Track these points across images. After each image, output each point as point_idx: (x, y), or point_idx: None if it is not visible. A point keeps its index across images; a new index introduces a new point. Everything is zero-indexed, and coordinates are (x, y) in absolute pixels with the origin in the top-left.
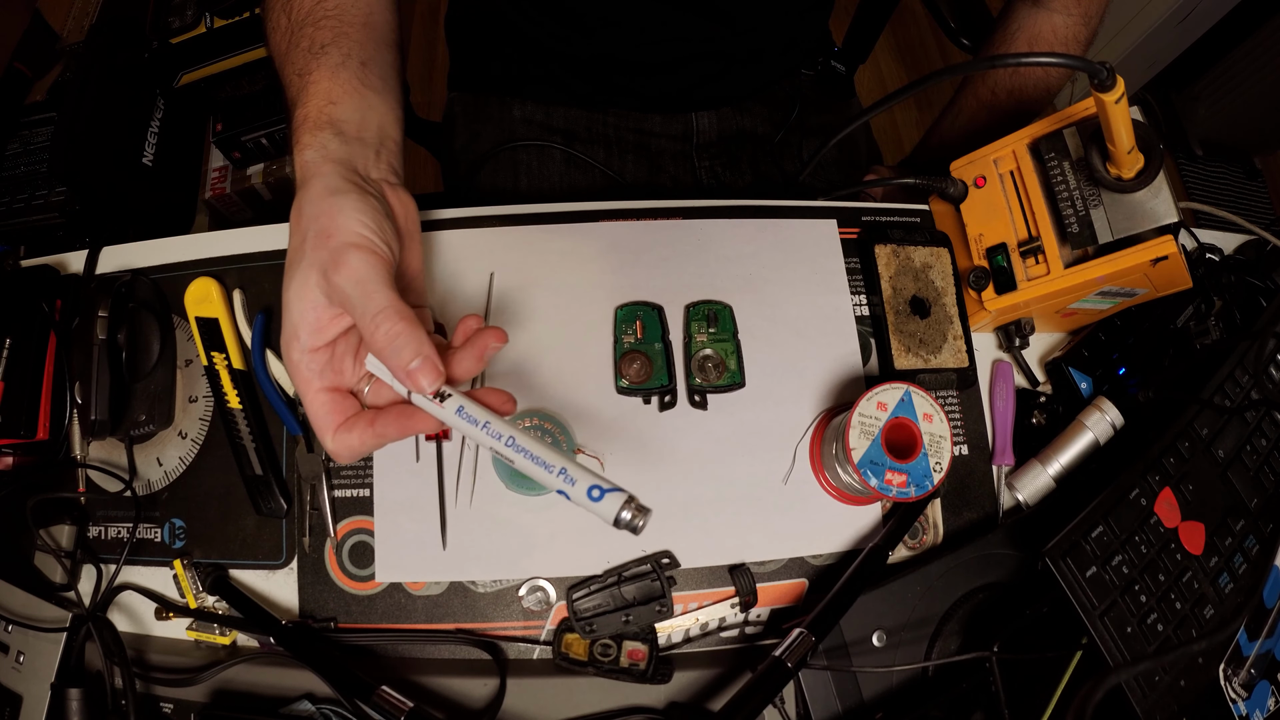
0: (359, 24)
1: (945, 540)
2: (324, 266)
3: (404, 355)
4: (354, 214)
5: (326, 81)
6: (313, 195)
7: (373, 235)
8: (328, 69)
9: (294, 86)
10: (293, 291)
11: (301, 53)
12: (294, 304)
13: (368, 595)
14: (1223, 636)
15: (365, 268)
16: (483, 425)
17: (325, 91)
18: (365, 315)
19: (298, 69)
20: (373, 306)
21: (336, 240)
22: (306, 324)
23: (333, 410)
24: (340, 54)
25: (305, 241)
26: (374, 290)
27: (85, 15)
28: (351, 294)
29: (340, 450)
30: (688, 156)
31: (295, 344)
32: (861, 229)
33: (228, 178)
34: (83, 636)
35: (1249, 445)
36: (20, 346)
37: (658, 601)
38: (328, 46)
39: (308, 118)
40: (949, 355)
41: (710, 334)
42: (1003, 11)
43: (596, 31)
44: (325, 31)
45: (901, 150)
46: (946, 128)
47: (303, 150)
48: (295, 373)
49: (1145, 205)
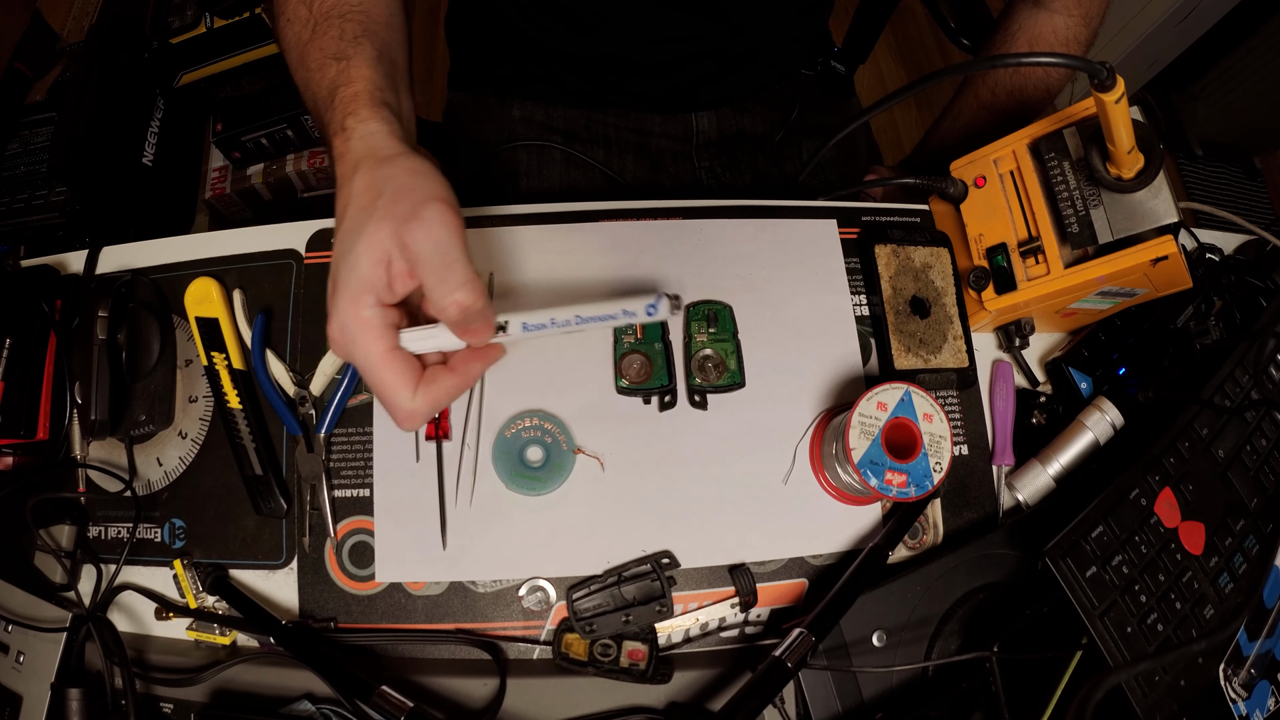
0: (384, 24)
1: (945, 540)
2: (402, 220)
3: (480, 328)
4: (435, 175)
5: (369, 68)
6: (387, 155)
7: (451, 195)
8: (368, 58)
9: (329, 69)
10: (361, 246)
11: (333, 39)
12: (364, 257)
13: (368, 595)
14: (1223, 636)
15: (445, 231)
16: (544, 326)
17: (370, 77)
18: (447, 283)
19: (332, 53)
20: (455, 277)
21: (420, 194)
22: (381, 277)
23: (410, 366)
24: (374, 48)
25: (380, 197)
26: (455, 258)
27: (85, 15)
28: (431, 257)
29: (424, 406)
30: (688, 156)
31: (366, 299)
32: (861, 229)
33: (228, 178)
34: (83, 636)
35: (1249, 445)
36: (20, 346)
37: (658, 601)
38: (361, 39)
39: (361, 95)
40: (949, 355)
41: (710, 334)
42: (1003, 12)
43: (596, 31)
44: (354, 24)
45: (901, 150)
46: (946, 128)
47: (364, 122)
48: (365, 329)
49: (1145, 205)
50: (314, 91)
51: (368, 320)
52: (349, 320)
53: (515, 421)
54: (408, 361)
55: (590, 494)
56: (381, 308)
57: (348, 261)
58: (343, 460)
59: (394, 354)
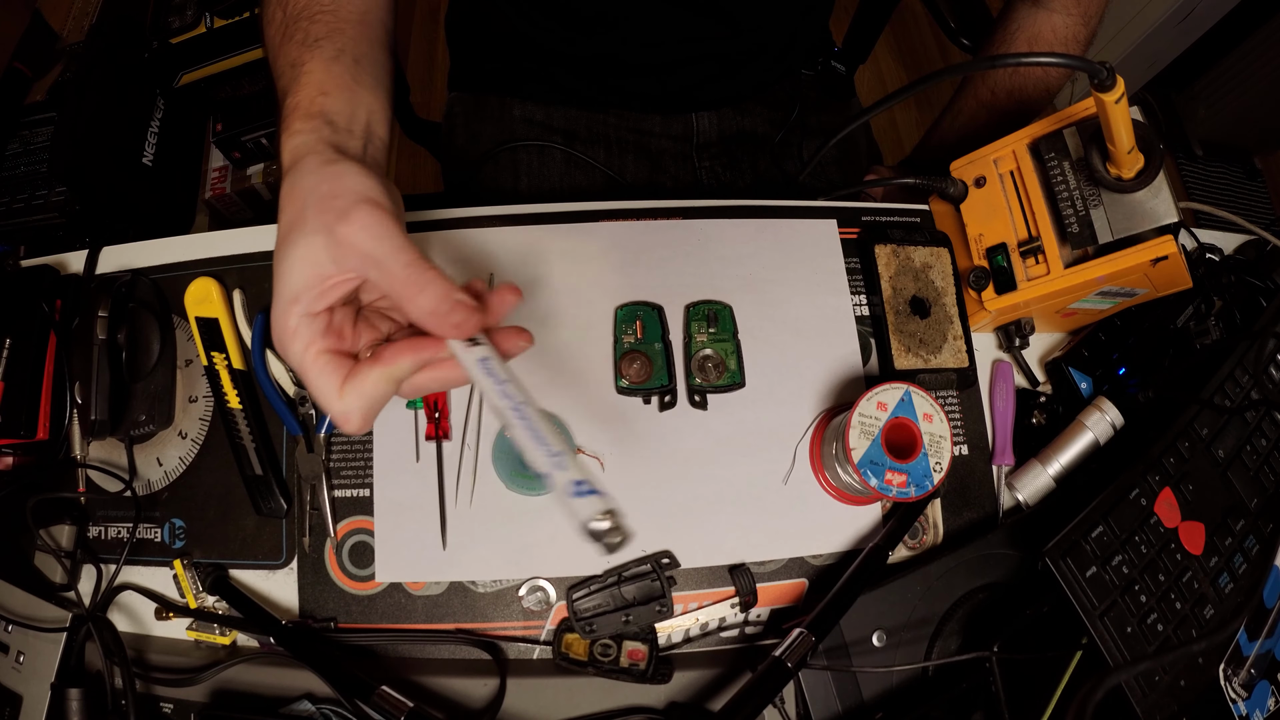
0: (354, 21)
1: (945, 540)
2: (331, 226)
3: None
4: (359, 177)
5: (320, 73)
6: (310, 168)
7: (382, 195)
8: (321, 61)
9: (285, 77)
10: (293, 258)
11: (295, 45)
12: (294, 269)
13: (368, 595)
14: (1223, 636)
15: (379, 223)
16: (501, 382)
17: (318, 83)
18: (395, 266)
19: (290, 60)
20: (403, 258)
21: (345, 199)
22: (310, 288)
23: (337, 368)
24: (334, 48)
25: (306, 209)
26: (398, 243)
27: (85, 15)
28: (371, 248)
29: (352, 406)
30: (688, 157)
31: (294, 309)
32: (861, 229)
33: (228, 178)
34: (83, 636)
35: (1249, 445)
36: (20, 346)
37: (658, 601)
38: (321, 40)
39: (299, 105)
40: (949, 355)
41: (710, 334)
42: (1002, 11)
43: (597, 32)
44: (320, 26)
45: (901, 150)
46: (946, 128)
47: (294, 135)
48: (293, 338)
49: (1145, 205)
50: (279, 95)
51: (292, 329)
52: (279, 331)
53: None
54: (335, 362)
55: None
56: (309, 316)
57: (279, 275)
58: (343, 460)
59: (319, 356)
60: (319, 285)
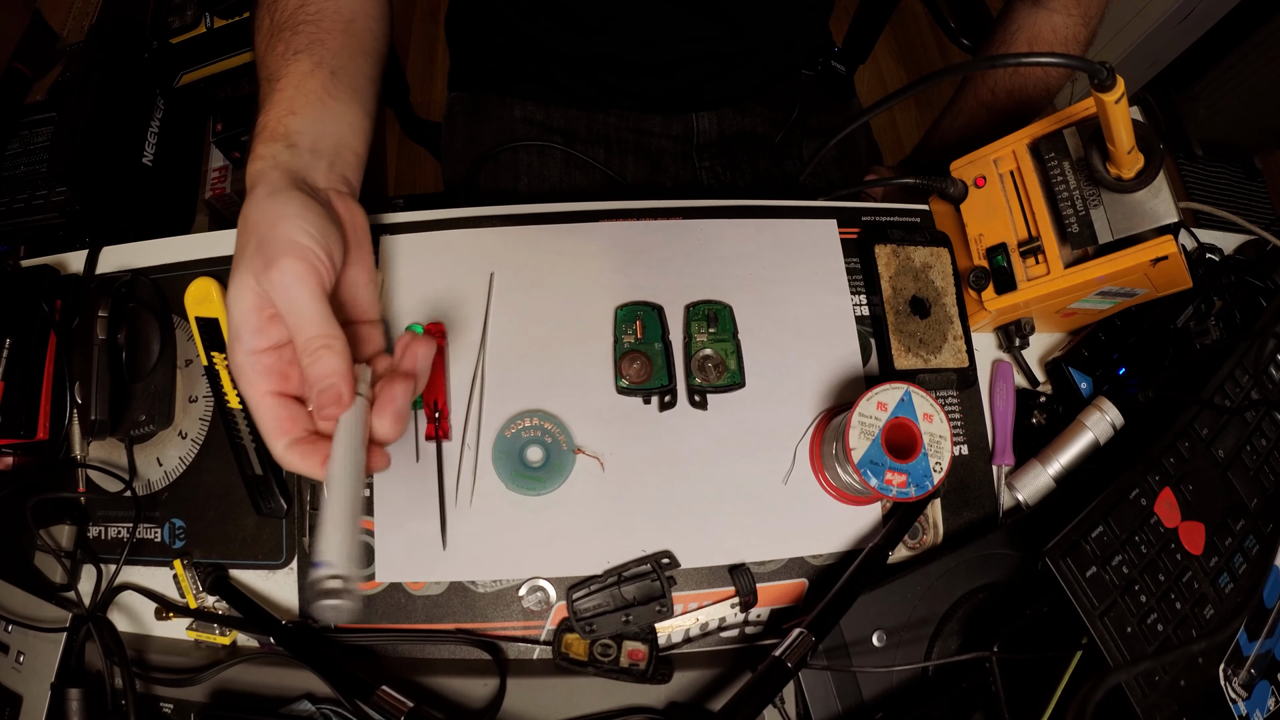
0: (338, 30)
1: (945, 540)
2: (259, 272)
3: (317, 377)
4: (295, 219)
5: (291, 90)
6: (257, 199)
7: (311, 241)
8: (296, 76)
9: (262, 91)
10: (231, 295)
11: (276, 57)
12: (233, 307)
13: (368, 595)
14: (1223, 636)
15: (297, 281)
16: (353, 450)
17: (288, 100)
18: (299, 326)
19: (269, 73)
20: (308, 323)
21: (274, 246)
22: (248, 326)
23: (282, 417)
24: (311, 62)
25: (246, 246)
26: (308, 305)
27: (85, 15)
28: (284, 304)
29: (294, 462)
30: (688, 156)
31: (239, 346)
32: (861, 229)
33: (228, 178)
34: (83, 636)
35: (1249, 445)
36: (20, 346)
37: (658, 601)
38: (300, 53)
39: (265, 127)
40: (949, 355)
41: (710, 334)
42: (1002, 11)
43: (597, 32)
44: (301, 37)
45: (901, 150)
46: (946, 128)
47: (254, 160)
48: (240, 376)
49: (1145, 205)
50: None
51: (240, 366)
52: (232, 367)
53: (515, 421)
54: (284, 409)
55: (590, 494)
56: (255, 354)
57: (226, 309)
58: None
59: (265, 398)
60: (254, 323)
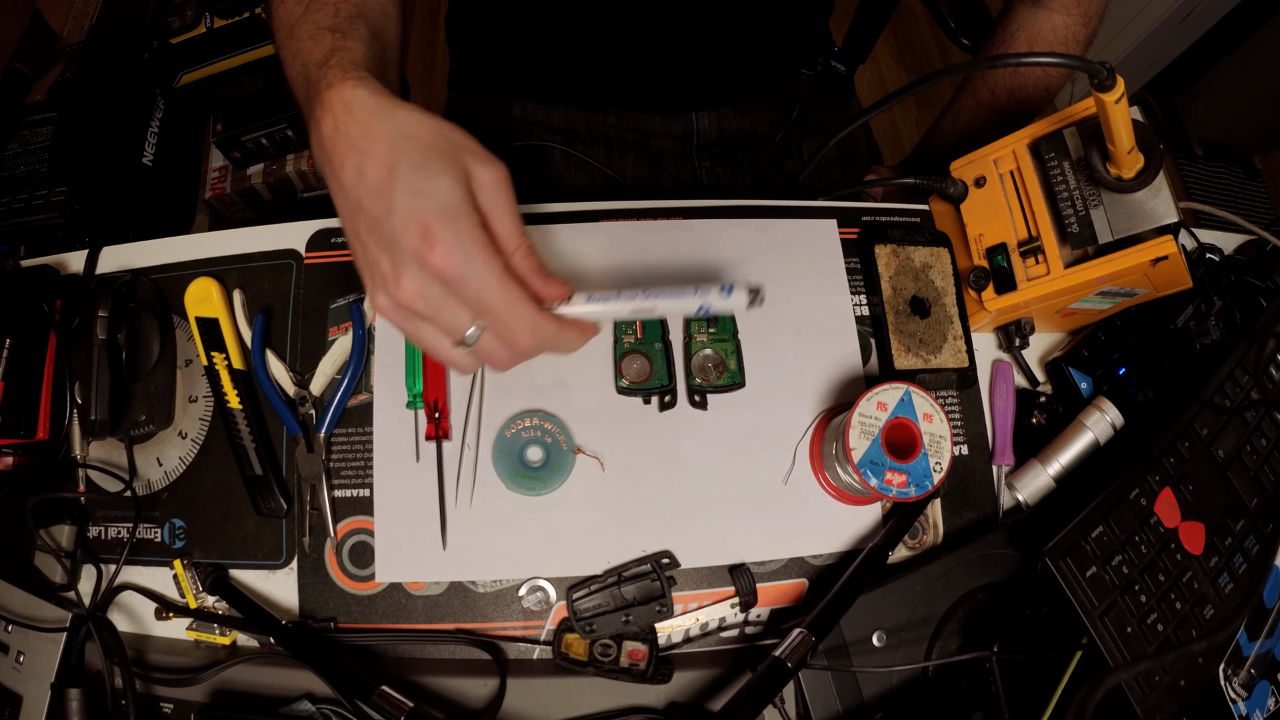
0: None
1: (945, 540)
2: (472, 155)
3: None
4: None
5: (365, 48)
6: (396, 106)
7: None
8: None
9: (324, 39)
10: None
11: (328, 15)
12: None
13: (368, 595)
14: (1223, 636)
15: (508, 186)
16: (616, 296)
17: (367, 55)
18: (515, 234)
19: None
20: (518, 230)
21: (470, 154)
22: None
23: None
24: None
25: (412, 151)
26: (514, 212)
27: (85, 15)
28: (501, 208)
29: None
30: (688, 156)
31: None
32: (861, 229)
33: (228, 178)
34: (83, 636)
35: (1249, 445)
36: (20, 346)
37: (658, 601)
38: (355, 20)
39: (359, 61)
40: (949, 355)
41: (710, 334)
42: (1002, 11)
43: (597, 32)
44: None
45: (901, 150)
46: (946, 128)
47: (368, 80)
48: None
49: (1145, 205)
50: (304, 58)
51: (487, 241)
52: (466, 242)
53: (515, 421)
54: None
55: (590, 494)
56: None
57: (435, 184)
58: (343, 460)
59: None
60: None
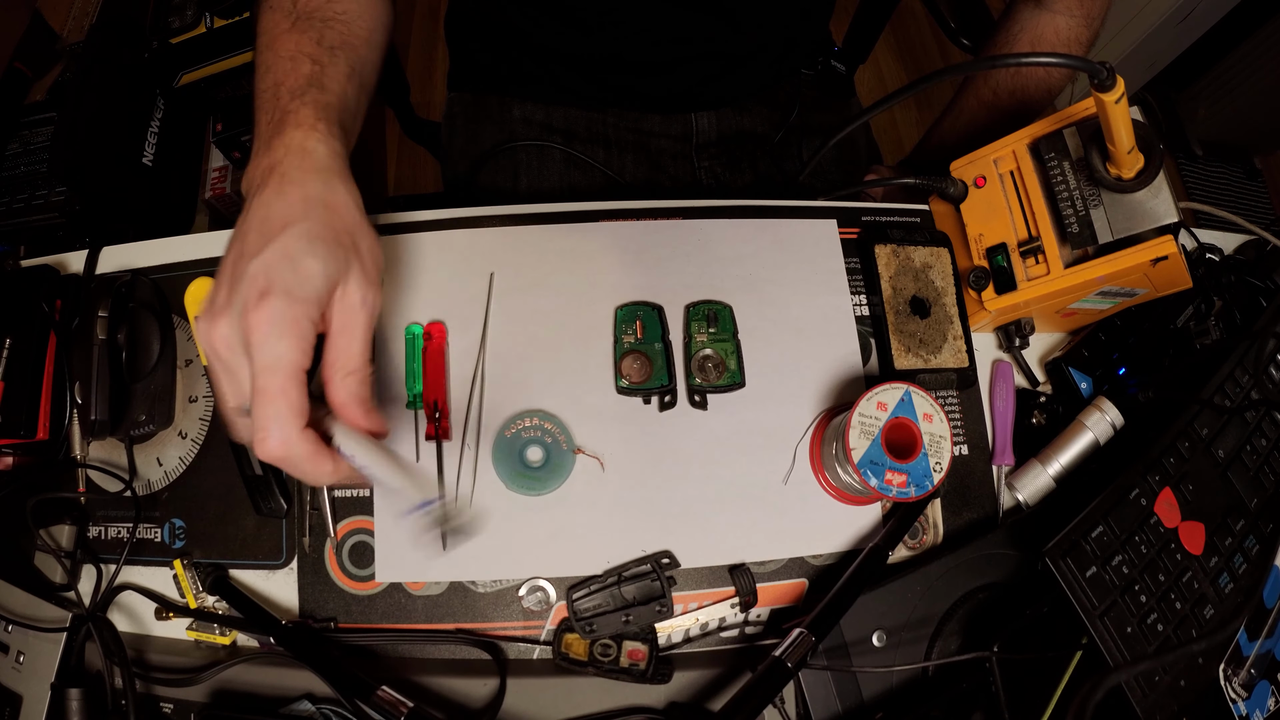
0: (363, 41)
1: (945, 540)
2: (363, 256)
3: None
4: (373, 237)
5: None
6: (341, 179)
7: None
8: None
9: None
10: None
11: (310, 41)
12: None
13: (368, 595)
14: (1223, 636)
15: (373, 309)
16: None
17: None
18: (348, 356)
19: (309, 53)
20: (359, 355)
21: (365, 259)
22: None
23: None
24: (348, 65)
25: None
26: (365, 337)
27: (85, 15)
28: (346, 326)
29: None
30: (688, 156)
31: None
32: (861, 229)
33: (228, 178)
34: (83, 636)
35: (1249, 445)
36: (20, 346)
37: (658, 601)
38: (337, 51)
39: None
40: (949, 355)
41: (710, 334)
42: (1005, 12)
43: (598, 31)
44: (334, 33)
45: (901, 150)
46: (947, 128)
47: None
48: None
49: (1145, 205)
50: (278, 77)
51: (300, 339)
52: (285, 324)
53: (515, 421)
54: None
55: (590, 494)
56: (313, 325)
57: (305, 262)
58: None
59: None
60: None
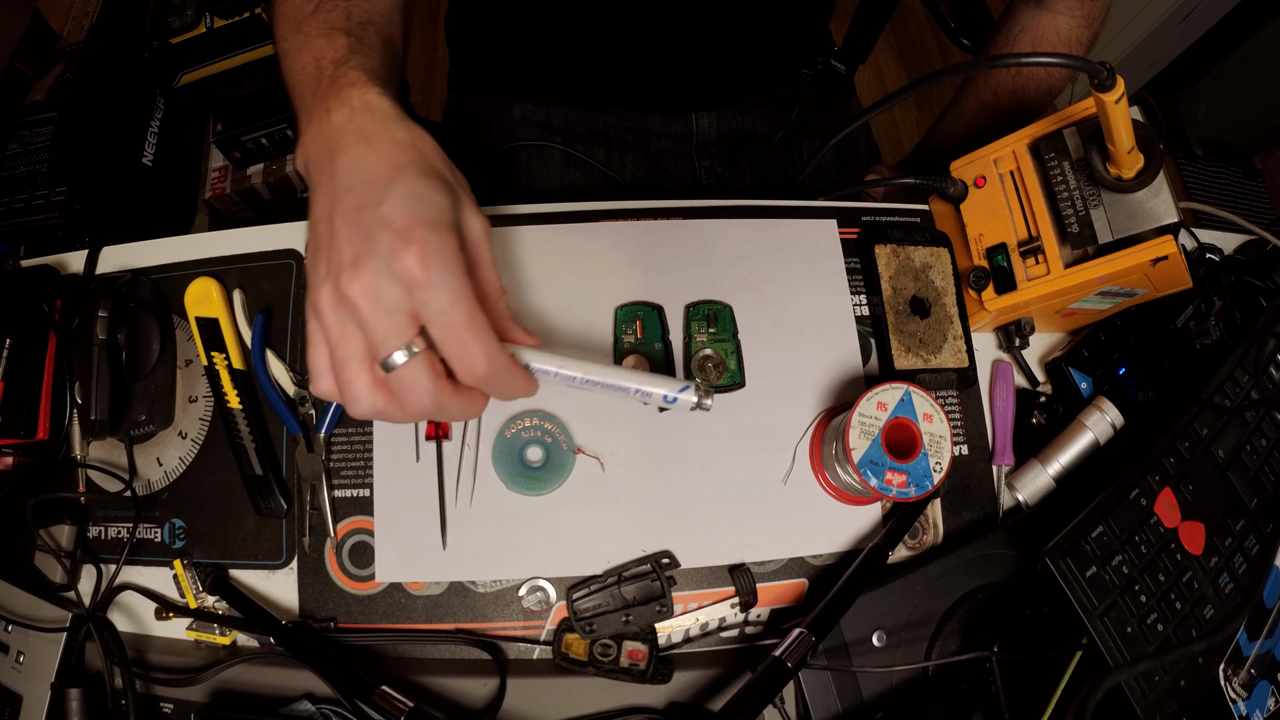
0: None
1: (945, 540)
2: (465, 194)
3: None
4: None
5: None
6: (418, 129)
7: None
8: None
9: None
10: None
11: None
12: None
13: (368, 595)
14: (1223, 636)
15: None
16: (554, 374)
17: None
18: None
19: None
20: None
21: (467, 194)
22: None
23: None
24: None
25: (443, 173)
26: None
27: (85, 15)
28: (485, 257)
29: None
30: (688, 156)
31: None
32: (861, 229)
33: (228, 178)
34: (83, 636)
35: (1249, 445)
36: (20, 346)
37: (658, 601)
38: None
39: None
40: (949, 355)
41: (710, 334)
42: (1005, 12)
43: (600, 30)
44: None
45: (901, 150)
46: (947, 128)
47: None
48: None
49: (1145, 205)
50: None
51: (464, 262)
52: (446, 253)
53: (515, 421)
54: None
55: (590, 494)
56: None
57: (435, 195)
58: (343, 460)
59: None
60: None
